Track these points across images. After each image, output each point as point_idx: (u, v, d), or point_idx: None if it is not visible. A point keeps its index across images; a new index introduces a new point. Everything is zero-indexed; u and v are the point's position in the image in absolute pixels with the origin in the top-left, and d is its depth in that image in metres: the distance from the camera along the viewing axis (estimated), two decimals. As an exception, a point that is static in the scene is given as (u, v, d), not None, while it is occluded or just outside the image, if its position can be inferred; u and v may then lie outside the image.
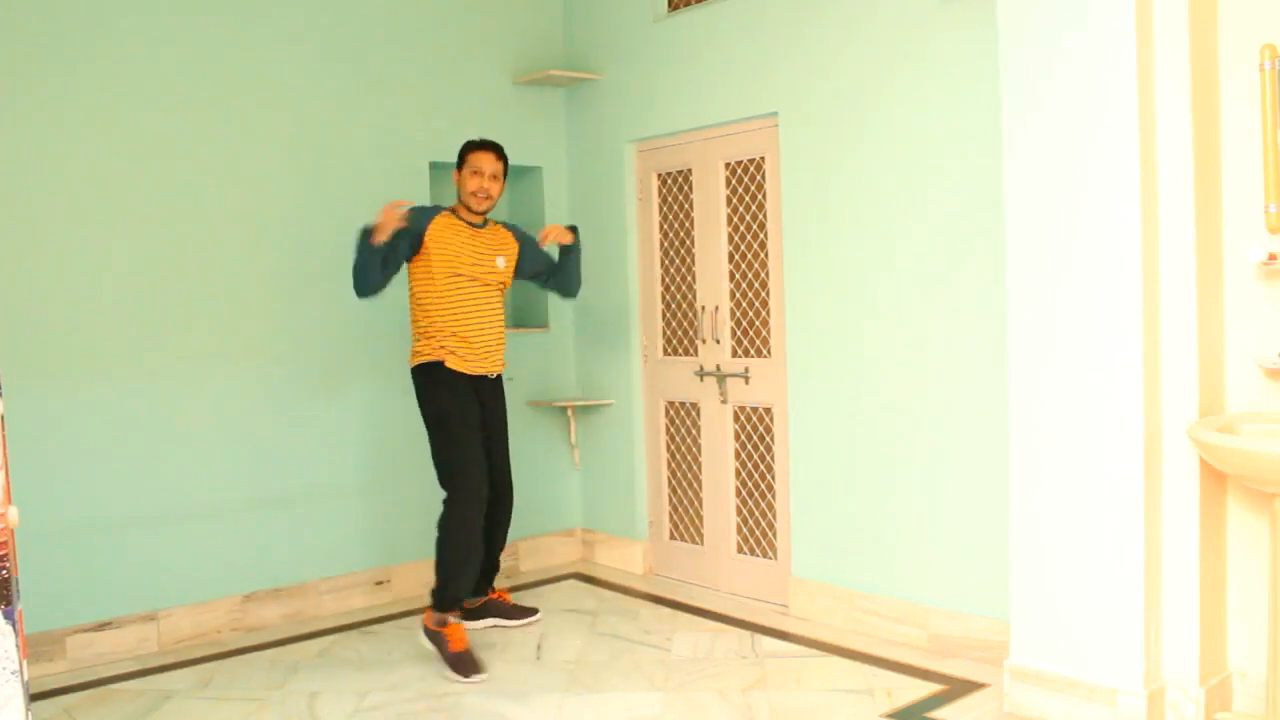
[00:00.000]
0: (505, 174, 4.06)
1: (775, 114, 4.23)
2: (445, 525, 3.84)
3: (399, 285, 4.11)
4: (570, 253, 4.19)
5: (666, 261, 4.85)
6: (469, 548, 3.83)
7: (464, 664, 3.65)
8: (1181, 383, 2.97)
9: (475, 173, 3.96)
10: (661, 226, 4.87)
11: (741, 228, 4.49)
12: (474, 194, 3.95)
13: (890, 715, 3.24)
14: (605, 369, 5.11)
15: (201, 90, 4.14)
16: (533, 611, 4.27)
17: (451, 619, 3.77)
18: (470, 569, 3.86)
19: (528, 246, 4.20)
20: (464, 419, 3.90)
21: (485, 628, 4.17)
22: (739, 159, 4.47)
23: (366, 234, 3.75)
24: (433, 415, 3.92)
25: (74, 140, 3.88)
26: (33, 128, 3.80)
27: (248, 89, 4.25)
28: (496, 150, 4.03)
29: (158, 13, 4.04)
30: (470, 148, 4.03)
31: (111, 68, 3.95)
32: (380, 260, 3.79)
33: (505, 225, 4.19)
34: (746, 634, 4.05)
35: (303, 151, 4.39)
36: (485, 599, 4.23)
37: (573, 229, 4.16)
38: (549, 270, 4.28)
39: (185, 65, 4.10)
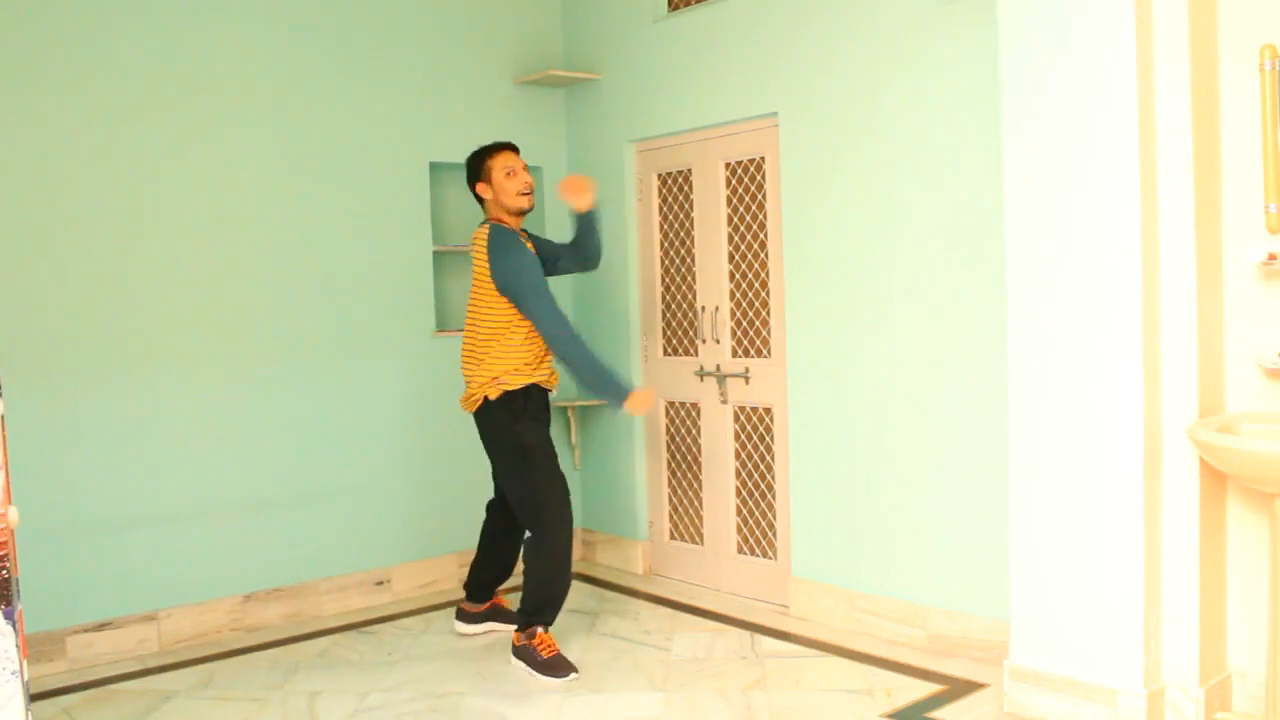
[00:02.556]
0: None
1: (775, 114, 4.23)
2: (547, 557, 3.68)
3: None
4: (589, 218, 3.93)
5: (666, 261, 4.85)
6: (568, 579, 3.78)
7: (558, 666, 3.61)
8: (1181, 383, 2.97)
9: (511, 173, 3.73)
10: (661, 226, 4.87)
11: (741, 228, 4.49)
12: (523, 193, 3.72)
13: (890, 715, 3.24)
14: (605, 369, 5.10)
15: (201, 91, 4.14)
16: None
17: (539, 630, 3.69)
18: (565, 594, 3.81)
19: (539, 242, 3.96)
20: (551, 451, 3.74)
21: (482, 632, 4.15)
22: (739, 159, 4.47)
23: (616, 388, 3.69)
24: (519, 449, 3.69)
25: (72, 140, 3.87)
26: (32, 128, 3.80)
27: (247, 89, 4.25)
28: (515, 148, 3.85)
29: (159, 14, 4.04)
30: (490, 152, 3.78)
31: (118, 69, 3.94)
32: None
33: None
34: (746, 634, 4.05)
35: (302, 151, 4.39)
36: (490, 604, 4.19)
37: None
38: (561, 250, 4.03)
39: (185, 67, 4.10)
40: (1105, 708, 3.01)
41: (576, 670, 3.63)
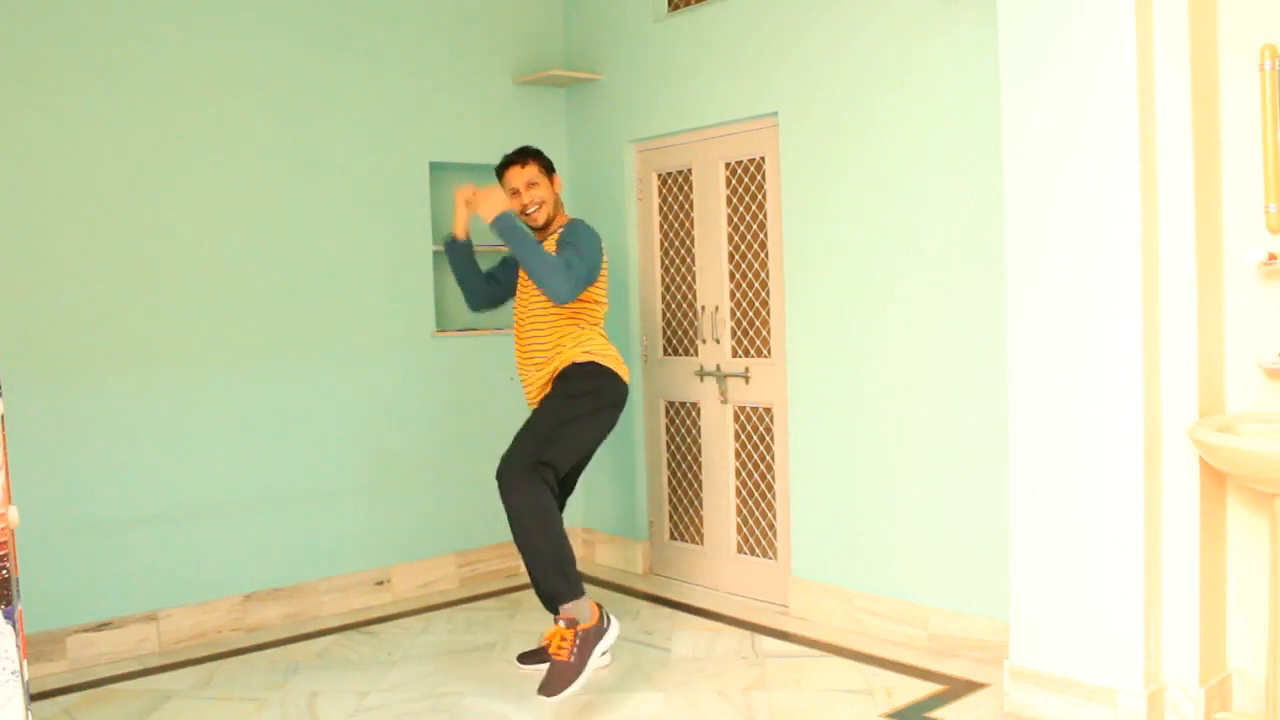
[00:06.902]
0: (548, 169, 3.71)
1: (775, 114, 4.24)
2: (545, 505, 3.36)
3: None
4: (504, 236, 3.50)
5: (666, 261, 4.85)
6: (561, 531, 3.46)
7: (600, 631, 3.35)
8: (1181, 383, 2.97)
9: (513, 193, 3.66)
10: (661, 226, 4.87)
11: (741, 228, 4.49)
12: (522, 215, 3.66)
13: (890, 715, 3.24)
14: (605, 369, 5.10)
15: (201, 91, 4.14)
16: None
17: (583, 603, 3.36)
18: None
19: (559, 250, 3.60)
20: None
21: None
22: (739, 159, 4.47)
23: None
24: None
25: (72, 141, 3.87)
26: (32, 129, 3.80)
27: (246, 89, 4.25)
28: (520, 160, 3.67)
29: (158, 15, 4.04)
30: (499, 171, 3.73)
31: (118, 70, 3.94)
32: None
33: (566, 229, 3.66)
34: (746, 634, 4.06)
35: (302, 151, 4.39)
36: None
37: (500, 217, 3.50)
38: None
39: (184, 67, 4.10)
40: (1105, 708, 3.01)
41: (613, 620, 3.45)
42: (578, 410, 3.54)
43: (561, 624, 3.32)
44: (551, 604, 3.43)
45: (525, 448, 3.45)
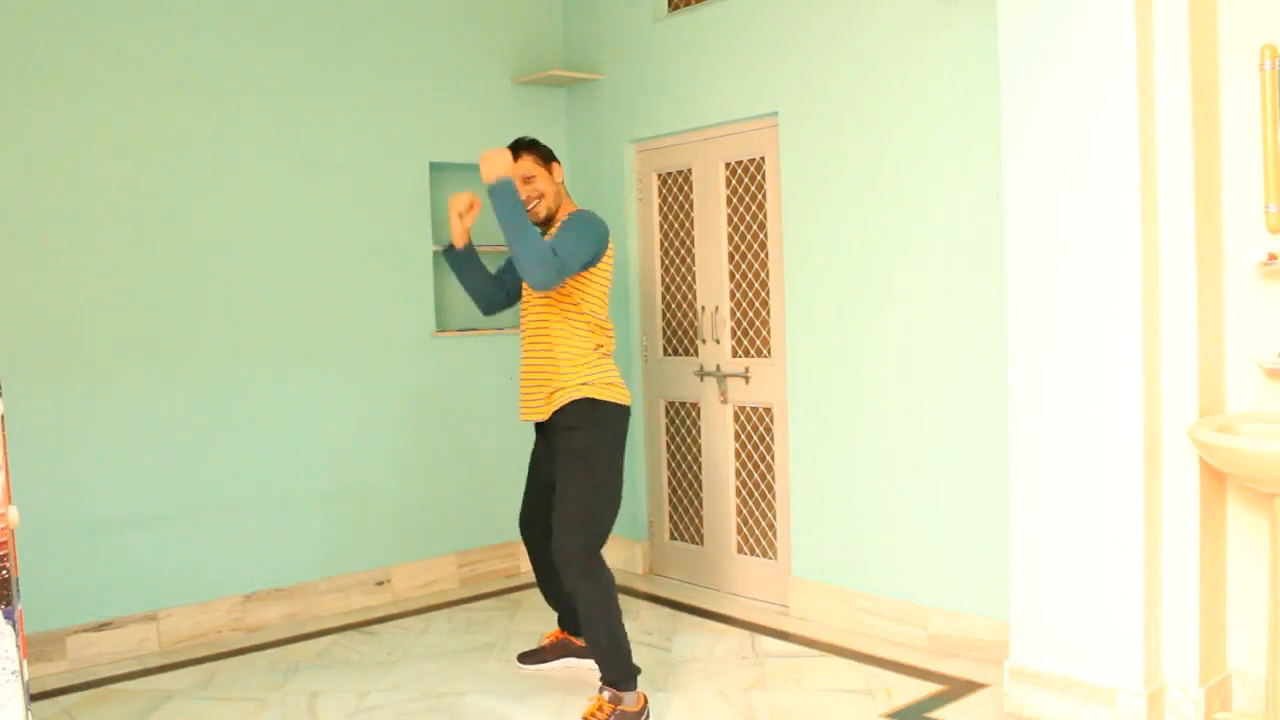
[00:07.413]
0: (545, 158, 3.41)
1: (775, 114, 4.24)
2: (607, 595, 3.30)
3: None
4: (496, 201, 3.16)
5: (666, 261, 4.85)
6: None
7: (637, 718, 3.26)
8: (1181, 383, 2.97)
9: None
10: (661, 226, 4.87)
11: (741, 228, 4.49)
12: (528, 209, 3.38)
13: (890, 715, 3.24)
14: (605, 369, 5.10)
15: (201, 92, 4.14)
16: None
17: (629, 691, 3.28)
18: None
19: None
20: (529, 474, 3.64)
21: (562, 668, 3.78)
22: (739, 159, 4.47)
23: None
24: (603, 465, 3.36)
25: (72, 141, 3.87)
26: (32, 129, 3.80)
27: (246, 89, 4.25)
28: (512, 155, 3.35)
29: (159, 16, 4.04)
30: None
31: (119, 70, 3.94)
32: None
33: (568, 217, 3.36)
34: (746, 634, 4.06)
35: (302, 151, 4.39)
36: (562, 636, 3.85)
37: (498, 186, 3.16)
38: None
39: (185, 67, 4.10)
40: (1105, 708, 3.01)
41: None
42: (602, 464, 3.32)
43: (605, 695, 3.23)
44: (605, 683, 3.28)
45: (572, 538, 3.27)
